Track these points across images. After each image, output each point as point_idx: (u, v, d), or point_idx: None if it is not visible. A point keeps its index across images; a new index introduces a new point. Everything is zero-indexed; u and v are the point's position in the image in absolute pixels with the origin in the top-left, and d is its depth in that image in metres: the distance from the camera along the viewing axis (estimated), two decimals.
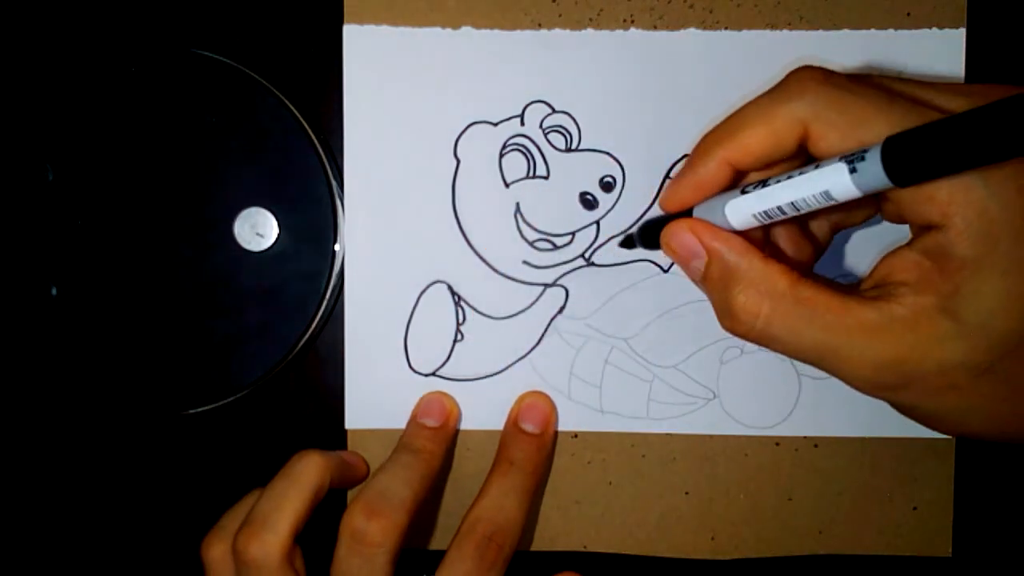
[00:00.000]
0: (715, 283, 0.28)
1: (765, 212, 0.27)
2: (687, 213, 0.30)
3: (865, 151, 0.24)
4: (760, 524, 0.38)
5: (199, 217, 0.37)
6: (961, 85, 0.27)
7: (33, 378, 0.38)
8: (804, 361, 0.28)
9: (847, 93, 0.26)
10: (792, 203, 0.26)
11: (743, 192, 0.28)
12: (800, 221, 0.31)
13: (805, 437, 0.37)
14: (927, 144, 0.23)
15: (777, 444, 0.37)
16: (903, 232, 0.28)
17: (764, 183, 0.27)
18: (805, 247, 0.31)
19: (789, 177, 0.26)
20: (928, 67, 0.36)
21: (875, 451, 0.37)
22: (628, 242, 0.35)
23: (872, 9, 0.36)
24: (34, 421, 0.38)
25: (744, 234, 0.29)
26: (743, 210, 0.28)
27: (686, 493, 0.38)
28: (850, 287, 0.29)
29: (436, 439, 0.35)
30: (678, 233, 0.29)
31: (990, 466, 0.38)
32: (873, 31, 0.36)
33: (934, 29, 0.36)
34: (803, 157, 0.28)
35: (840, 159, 0.25)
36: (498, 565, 0.32)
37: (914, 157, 0.23)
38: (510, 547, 0.32)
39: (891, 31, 0.36)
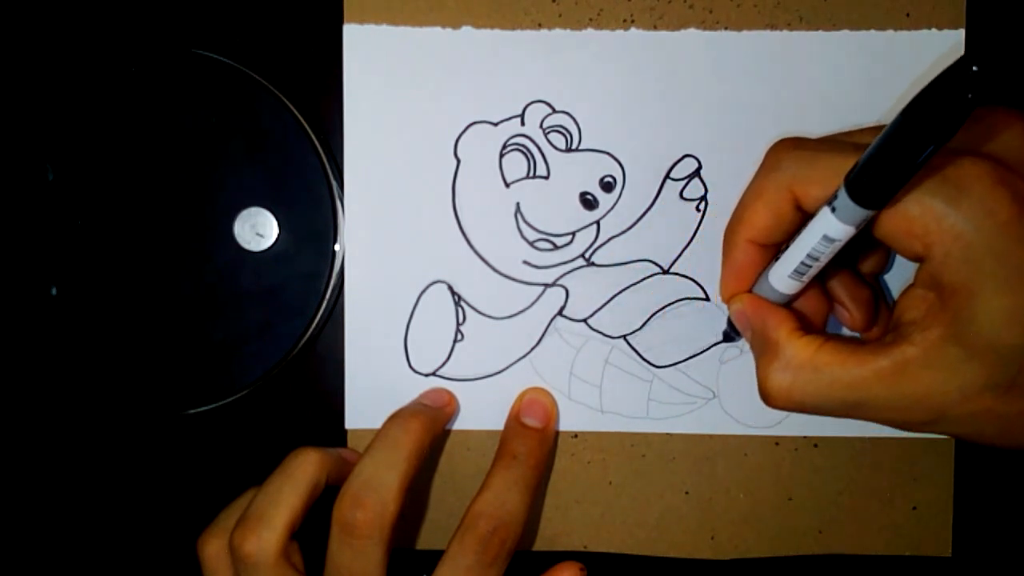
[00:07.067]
0: (754, 353, 0.31)
1: (796, 271, 0.30)
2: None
3: (838, 191, 0.27)
4: (760, 524, 0.38)
5: (199, 217, 0.37)
6: None
7: (33, 378, 0.38)
8: (840, 417, 0.29)
9: (815, 152, 0.29)
10: (808, 255, 0.29)
11: (775, 260, 0.31)
12: (852, 269, 0.34)
13: (805, 437, 0.37)
14: (877, 166, 0.25)
15: (777, 444, 0.37)
16: None
17: (787, 246, 0.30)
18: (862, 291, 0.34)
19: (798, 234, 0.29)
20: (927, 68, 0.36)
21: (875, 451, 0.37)
22: (727, 337, 0.37)
23: (871, 10, 0.36)
24: (34, 421, 0.38)
25: (800, 300, 0.32)
26: (780, 274, 0.31)
27: (686, 493, 0.38)
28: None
29: (423, 417, 0.34)
30: (732, 306, 0.33)
31: (990, 466, 0.38)
32: (872, 32, 0.36)
33: (933, 30, 0.36)
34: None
35: (825, 204, 0.28)
36: (500, 559, 0.32)
37: (870, 180, 0.25)
38: (512, 541, 0.32)
39: (890, 32, 0.36)
